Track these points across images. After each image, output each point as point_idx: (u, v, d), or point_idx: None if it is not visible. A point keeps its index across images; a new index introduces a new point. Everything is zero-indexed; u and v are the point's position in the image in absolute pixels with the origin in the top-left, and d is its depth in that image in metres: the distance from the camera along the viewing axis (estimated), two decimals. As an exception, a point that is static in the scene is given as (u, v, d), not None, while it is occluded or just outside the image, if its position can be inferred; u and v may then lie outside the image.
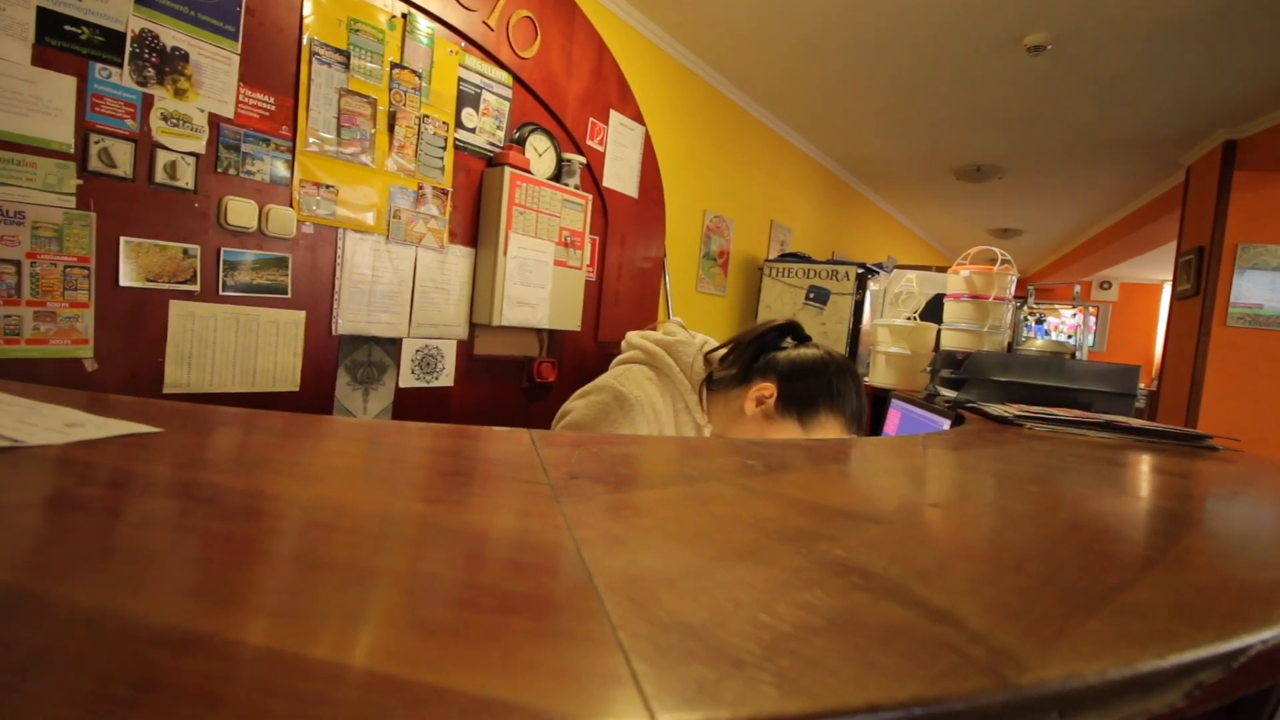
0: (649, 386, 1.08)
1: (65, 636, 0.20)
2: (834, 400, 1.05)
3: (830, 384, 1.05)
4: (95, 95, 1.45)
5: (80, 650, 0.19)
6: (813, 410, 1.04)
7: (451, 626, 0.22)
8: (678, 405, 1.11)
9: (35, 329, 1.42)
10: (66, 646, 0.19)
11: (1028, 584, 0.31)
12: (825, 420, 1.04)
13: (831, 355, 1.11)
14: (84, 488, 0.34)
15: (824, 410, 1.04)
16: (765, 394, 1.05)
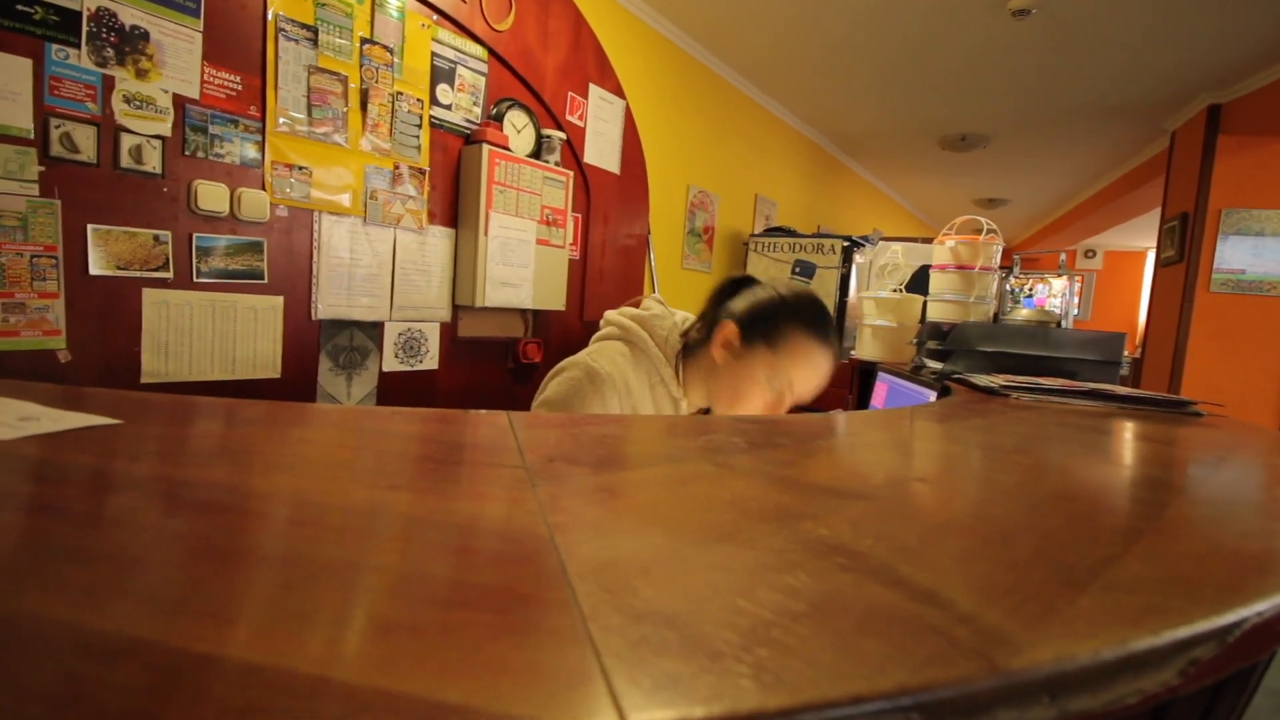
0: (621, 361, 1.09)
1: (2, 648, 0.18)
2: (797, 315, 1.04)
3: (787, 303, 1.05)
4: (53, 78, 1.39)
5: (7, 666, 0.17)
6: (778, 332, 1.03)
7: (407, 624, 0.21)
8: (653, 379, 1.11)
9: (4, 320, 1.38)
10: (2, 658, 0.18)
11: (1015, 558, 0.30)
12: (794, 338, 1.03)
13: (786, 285, 1.12)
14: (27, 485, 0.32)
15: (789, 329, 1.03)
16: (728, 334, 1.06)
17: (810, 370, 1.04)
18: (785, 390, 1.04)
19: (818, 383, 1.06)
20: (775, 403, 1.05)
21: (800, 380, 1.04)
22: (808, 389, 1.05)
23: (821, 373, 1.06)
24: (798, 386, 1.04)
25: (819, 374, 1.05)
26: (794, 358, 1.03)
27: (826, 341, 1.06)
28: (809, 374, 1.04)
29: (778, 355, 1.03)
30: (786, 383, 1.04)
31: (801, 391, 1.05)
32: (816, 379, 1.05)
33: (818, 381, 1.05)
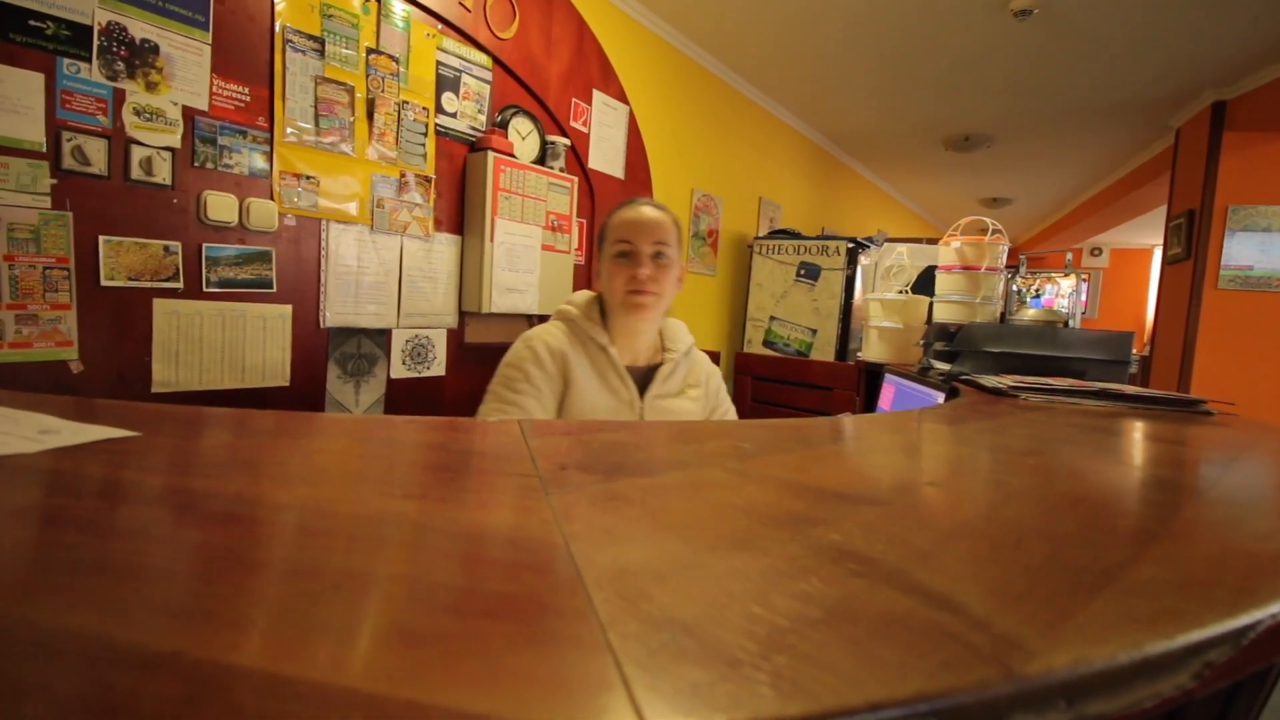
0: (554, 329, 1.33)
1: (24, 660, 0.19)
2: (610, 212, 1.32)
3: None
4: (65, 91, 1.41)
5: (39, 677, 0.18)
6: (603, 226, 1.32)
7: (432, 635, 0.21)
8: (585, 340, 1.30)
9: (18, 332, 1.40)
10: (26, 673, 0.18)
11: (1029, 563, 0.30)
12: (610, 219, 1.30)
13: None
14: (53, 498, 0.32)
15: (607, 220, 1.31)
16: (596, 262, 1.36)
17: (619, 222, 1.27)
18: (618, 249, 1.26)
19: (629, 225, 1.26)
20: (621, 265, 1.26)
21: (617, 233, 1.26)
22: (627, 234, 1.25)
23: (626, 217, 1.27)
24: (619, 236, 1.26)
25: (625, 219, 1.27)
26: (611, 227, 1.29)
27: (631, 205, 1.30)
28: (619, 225, 1.27)
29: (606, 236, 1.30)
30: (615, 244, 1.26)
31: (623, 237, 1.25)
32: (625, 223, 1.26)
33: (628, 224, 1.26)
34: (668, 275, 1.27)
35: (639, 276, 1.23)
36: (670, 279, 1.29)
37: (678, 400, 1.34)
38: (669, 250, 1.28)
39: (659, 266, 1.26)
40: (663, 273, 1.26)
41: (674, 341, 1.40)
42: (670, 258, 1.28)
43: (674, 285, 1.32)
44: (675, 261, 1.30)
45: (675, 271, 1.31)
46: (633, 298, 1.25)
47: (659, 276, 1.26)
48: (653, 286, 1.25)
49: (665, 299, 1.30)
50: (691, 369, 1.40)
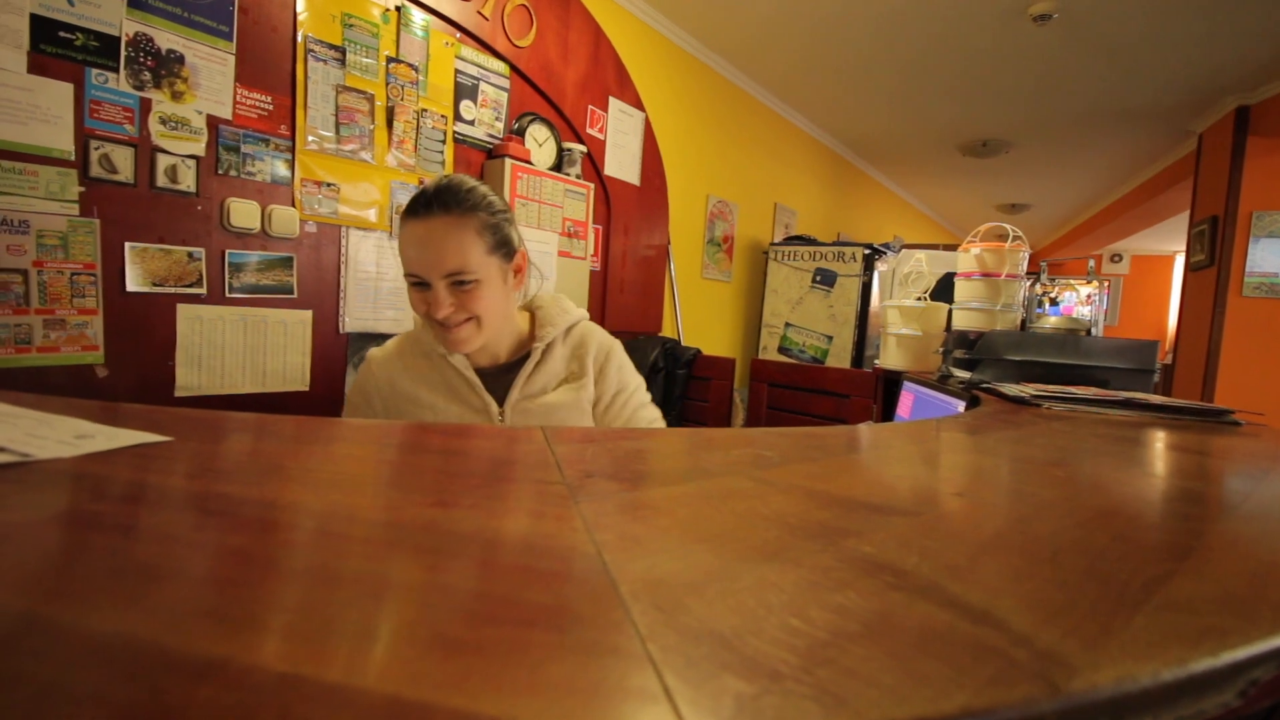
0: (387, 346, 1.20)
1: (77, 667, 0.19)
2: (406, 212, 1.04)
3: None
4: (93, 101, 1.44)
5: (93, 684, 0.18)
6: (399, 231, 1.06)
7: (474, 643, 0.21)
8: (427, 352, 1.14)
9: (45, 337, 1.43)
10: (79, 680, 0.18)
11: (1065, 578, 0.30)
12: (403, 225, 1.04)
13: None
14: (95, 503, 0.33)
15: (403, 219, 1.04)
16: None
17: (403, 241, 1.02)
18: (409, 277, 1.02)
19: (412, 253, 1.00)
20: (417, 293, 1.03)
21: (403, 255, 1.02)
22: (412, 266, 1.01)
23: (408, 238, 1.01)
24: (406, 263, 1.02)
25: (407, 240, 1.01)
26: (399, 241, 1.04)
27: (413, 215, 1.02)
28: (403, 245, 1.02)
29: (399, 247, 1.05)
30: (406, 267, 1.02)
31: (410, 270, 1.01)
32: (408, 247, 1.01)
33: (411, 251, 1.01)
34: (480, 295, 1.02)
35: (437, 317, 1.01)
36: (487, 294, 1.03)
37: (550, 397, 1.11)
38: (470, 273, 1.00)
39: (463, 294, 1.01)
40: (471, 297, 1.01)
41: (546, 326, 1.15)
42: (478, 277, 1.01)
43: (501, 290, 1.06)
44: (489, 276, 1.03)
45: (490, 287, 1.03)
46: (443, 334, 1.04)
47: (467, 303, 1.01)
48: (460, 316, 1.02)
49: (493, 314, 1.05)
50: (575, 352, 1.15)
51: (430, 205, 1.00)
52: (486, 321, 1.04)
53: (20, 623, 0.21)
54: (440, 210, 1.00)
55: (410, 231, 1.01)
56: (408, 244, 1.01)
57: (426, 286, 1.00)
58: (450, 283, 1.00)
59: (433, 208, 1.00)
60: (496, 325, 1.08)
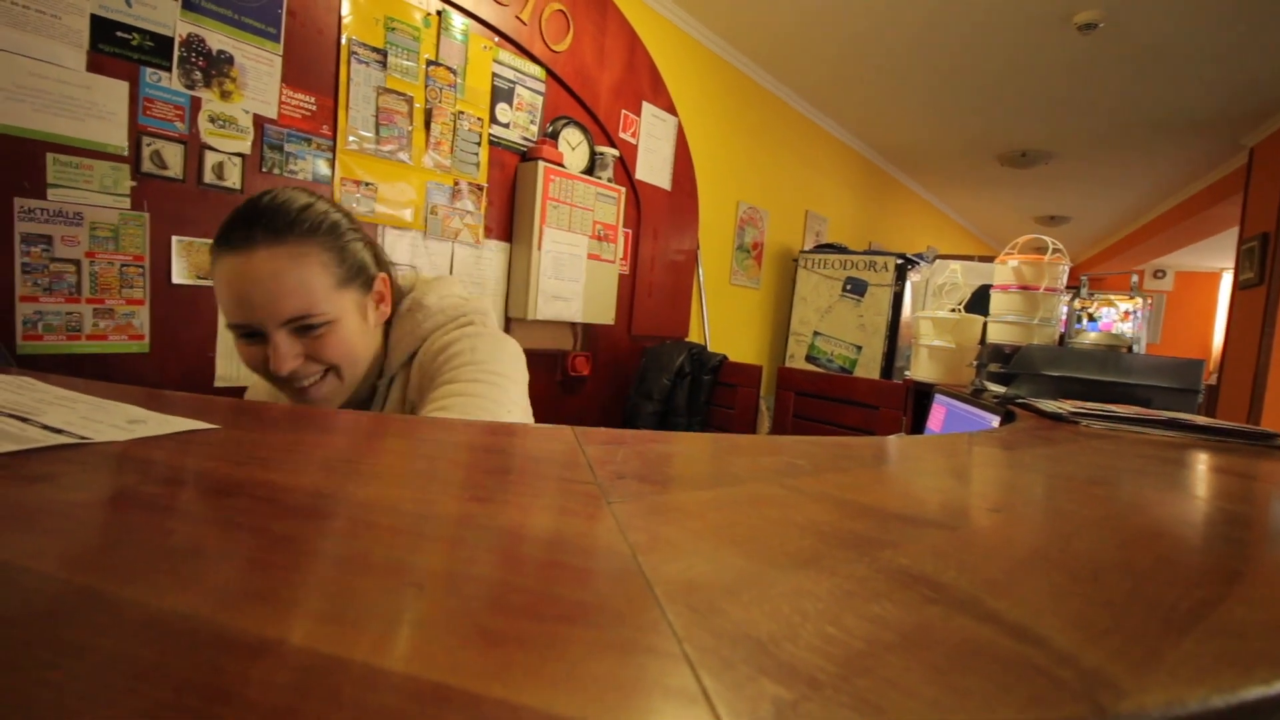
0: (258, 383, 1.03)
1: (138, 641, 0.20)
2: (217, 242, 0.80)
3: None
4: (146, 99, 1.49)
5: (154, 657, 0.19)
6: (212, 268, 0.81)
7: (514, 636, 0.22)
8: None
9: (95, 325, 1.48)
10: (140, 653, 0.19)
11: (1109, 597, 0.29)
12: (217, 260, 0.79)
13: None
14: (148, 485, 0.34)
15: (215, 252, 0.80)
16: None
17: (220, 284, 0.79)
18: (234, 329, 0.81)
19: (237, 300, 0.77)
20: (248, 347, 0.81)
21: (224, 304, 0.79)
22: (239, 315, 0.78)
23: (228, 279, 0.77)
24: (228, 315, 0.79)
25: (227, 283, 0.77)
26: (215, 285, 0.80)
27: (229, 246, 0.77)
28: (222, 291, 0.79)
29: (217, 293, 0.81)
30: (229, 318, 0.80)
31: (236, 320, 0.79)
32: (231, 295, 0.78)
33: (235, 298, 0.77)
34: (335, 339, 0.81)
35: (281, 374, 0.78)
36: (345, 337, 0.82)
37: None
38: (319, 315, 0.79)
39: (313, 340, 0.80)
40: (323, 344, 0.81)
41: (393, 351, 0.92)
42: (331, 318, 0.80)
43: (361, 328, 0.86)
44: (344, 314, 0.82)
45: (347, 326, 0.83)
46: (293, 395, 0.83)
47: (320, 351, 0.81)
48: (312, 369, 0.81)
49: (356, 360, 0.85)
50: (420, 374, 0.88)
51: (252, 234, 0.76)
52: (348, 371, 0.84)
53: (85, 596, 0.22)
54: (267, 239, 0.76)
55: (228, 269, 0.77)
56: (226, 285, 0.77)
57: (260, 337, 0.79)
58: (293, 329, 0.79)
59: (255, 237, 0.76)
60: (361, 370, 0.87)
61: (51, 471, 0.35)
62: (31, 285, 1.39)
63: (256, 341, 0.80)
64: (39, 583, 0.23)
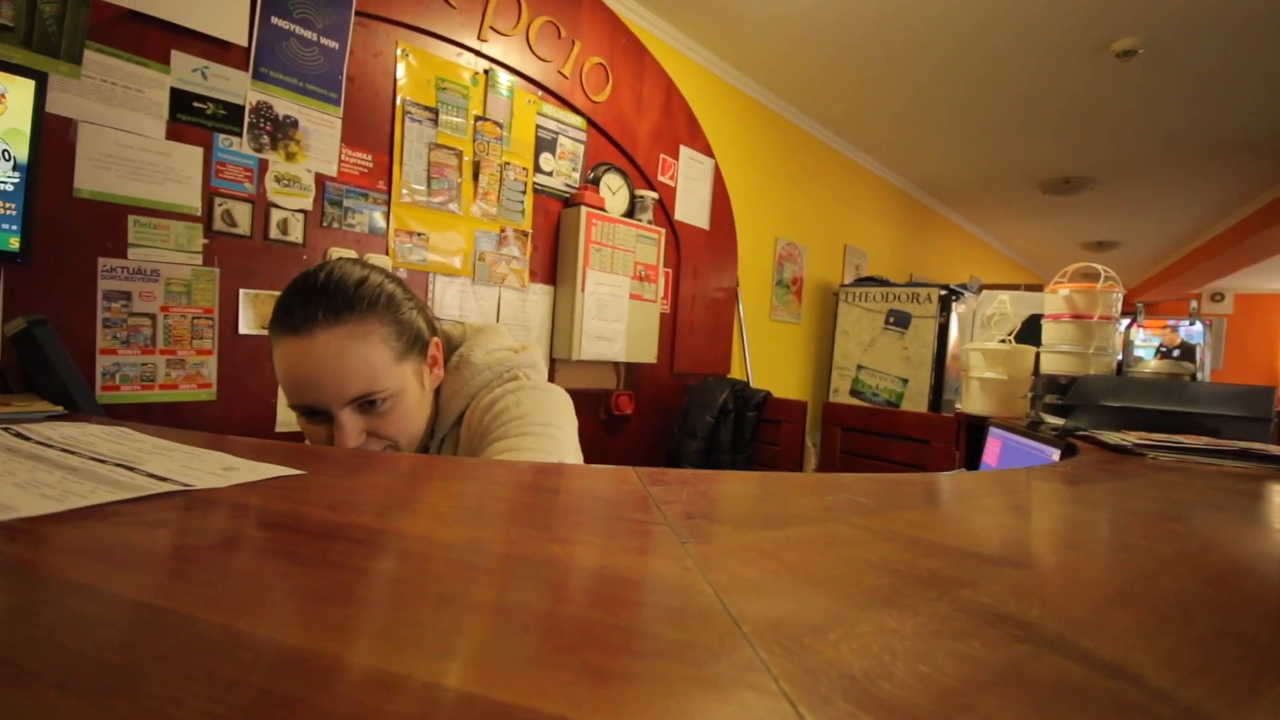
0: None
1: (282, 677, 0.21)
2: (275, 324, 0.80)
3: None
4: (219, 163, 1.60)
5: (297, 690, 0.21)
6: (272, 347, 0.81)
7: (621, 673, 0.23)
8: None
9: (167, 375, 1.56)
10: (283, 687, 0.21)
11: (1201, 636, 0.29)
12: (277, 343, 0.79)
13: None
14: (254, 530, 0.37)
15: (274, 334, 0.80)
16: None
17: (283, 369, 0.79)
18: (299, 408, 0.81)
19: (299, 381, 0.78)
20: (313, 426, 0.81)
21: (287, 386, 0.80)
22: (304, 396, 0.79)
23: (290, 362, 0.77)
24: (292, 396, 0.80)
25: (290, 367, 0.78)
26: (277, 368, 0.80)
27: (289, 330, 0.77)
28: (285, 376, 0.79)
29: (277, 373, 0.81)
30: (293, 399, 0.80)
31: (301, 401, 0.79)
32: (293, 377, 0.78)
33: (297, 380, 0.78)
34: (397, 414, 0.82)
35: (346, 447, 0.79)
36: (405, 410, 0.83)
37: None
38: (382, 392, 0.80)
39: (377, 418, 0.81)
40: (386, 420, 0.82)
41: (442, 412, 0.93)
42: (392, 392, 0.81)
43: (419, 398, 0.87)
44: (405, 387, 0.83)
45: (408, 399, 0.84)
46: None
47: (383, 427, 0.82)
48: (376, 446, 0.83)
49: (414, 431, 0.86)
50: (465, 436, 0.90)
51: (313, 316, 0.76)
52: (407, 443, 0.86)
53: (224, 634, 0.24)
54: (327, 319, 0.76)
55: (290, 351, 0.77)
56: (289, 368, 0.78)
57: (324, 416, 0.79)
58: (357, 407, 0.80)
59: (316, 319, 0.76)
60: (419, 437, 0.88)
61: (167, 518, 0.38)
62: (111, 339, 1.49)
63: (320, 420, 0.80)
64: (180, 622, 0.25)
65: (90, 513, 0.37)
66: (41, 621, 0.25)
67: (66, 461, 0.51)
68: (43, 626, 0.24)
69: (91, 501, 0.40)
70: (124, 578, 0.29)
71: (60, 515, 0.36)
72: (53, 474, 0.46)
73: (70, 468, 0.49)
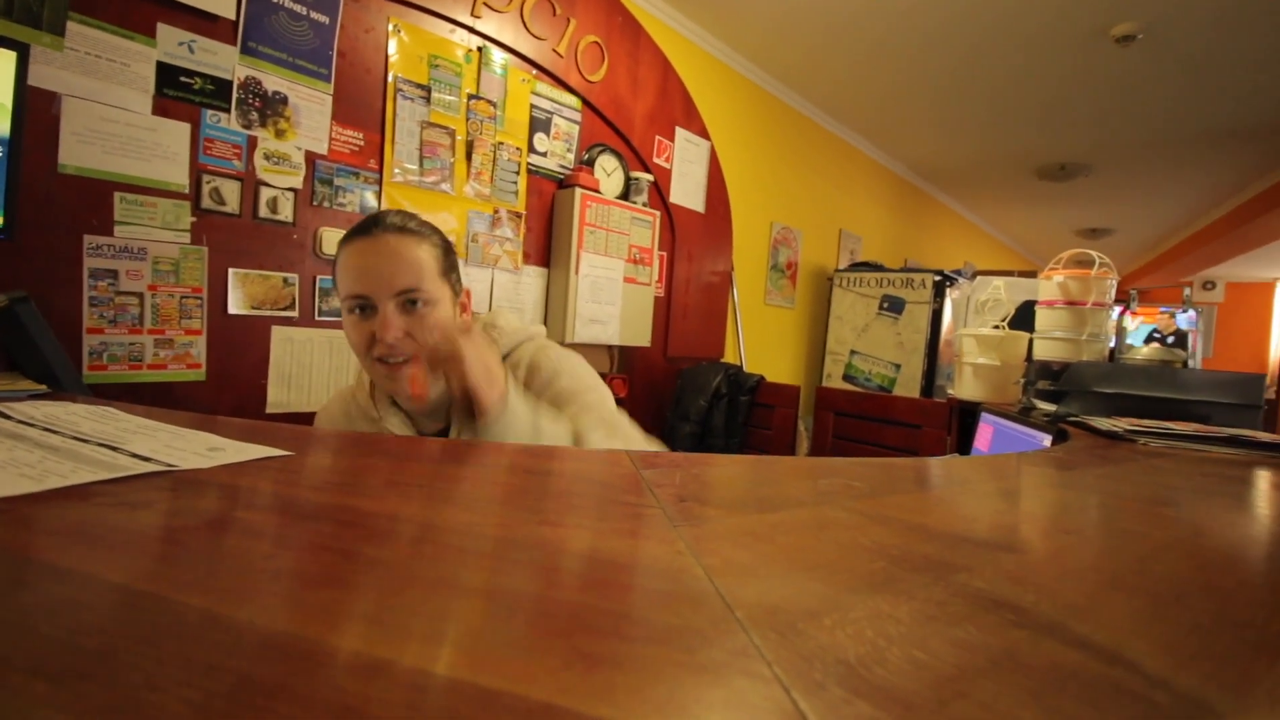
0: (333, 401, 1.09)
1: (261, 661, 0.21)
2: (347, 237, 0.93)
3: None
4: (207, 139, 1.57)
5: (278, 675, 0.20)
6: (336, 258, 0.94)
7: (611, 658, 0.22)
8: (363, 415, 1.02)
9: (155, 355, 1.54)
10: (264, 671, 0.20)
11: (1196, 620, 0.29)
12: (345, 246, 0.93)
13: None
14: (240, 511, 0.36)
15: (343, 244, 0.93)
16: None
17: (344, 263, 0.91)
18: (349, 303, 0.91)
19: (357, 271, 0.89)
20: (357, 321, 0.90)
21: (344, 280, 0.90)
22: (357, 285, 0.89)
23: (353, 255, 0.90)
24: (347, 288, 0.90)
25: (352, 259, 0.90)
26: (339, 268, 0.92)
27: (359, 234, 0.91)
28: (345, 268, 0.90)
29: (336, 278, 0.94)
30: (346, 298, 0.91)
31: (353, 291, 0.90)
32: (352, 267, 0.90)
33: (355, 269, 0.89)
34: (433, 320, 0.90)
35: (385, 339, 0.87)
36: (441, 323, 0.91)
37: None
38: (424, 293, 0.90)
39: (414, 316, 0.89)
40: (422, 323, 0.89)
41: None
42: (433, 298, 0.91)
43: (452, 319, 0.95)
44: (442, 301, 0.93)
45: (442, 312, 0.92)
46: (383, 369, 0.90)
47: (418, 330, 0.89)
48: (409, 347, 0.89)
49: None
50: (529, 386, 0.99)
51: (379, 224, 0.91)
52: (431, 356, 0.90)
53: (205, 619, 0.23)
54: (392, 229, 0.91)
55: (354, 249, 0.90)
56: (350, 263, 0.90)
57: (370, 310, 0.89)
58: (401, 303, 0.89)
59: (381, 226, 0.91)
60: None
61: (149, 499, 0.37)
62: (98, 317, 1.46)
63: (367, 315, 0.89)
64: (159, 605, 0.25)
65: (70, 493, 0.37)
66: (15, 604, 0.24)
67: (48, 440, 0.50)
68: (16, 610, 0.23)
69: (71, 481, 0.39)
70: (103, 559, 0.28)
71: (39, 495, 0.36)
72: (33, 453, 0.45)
73: (51, 447, 0.48)
